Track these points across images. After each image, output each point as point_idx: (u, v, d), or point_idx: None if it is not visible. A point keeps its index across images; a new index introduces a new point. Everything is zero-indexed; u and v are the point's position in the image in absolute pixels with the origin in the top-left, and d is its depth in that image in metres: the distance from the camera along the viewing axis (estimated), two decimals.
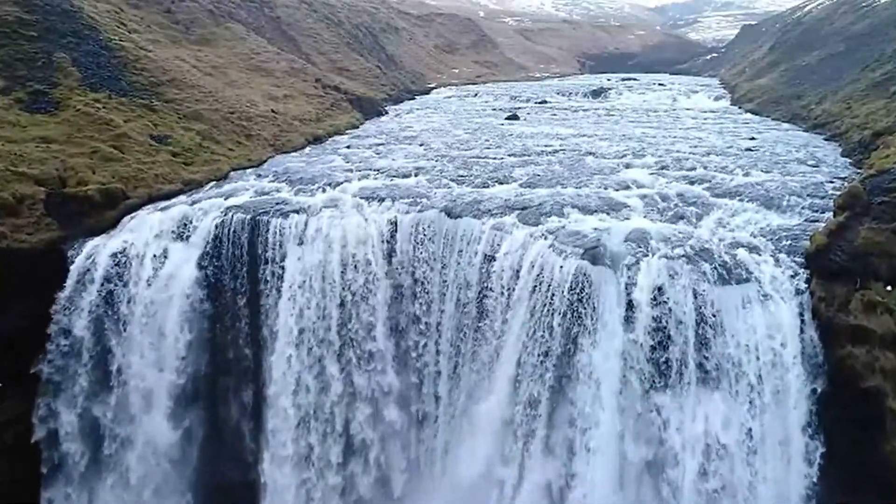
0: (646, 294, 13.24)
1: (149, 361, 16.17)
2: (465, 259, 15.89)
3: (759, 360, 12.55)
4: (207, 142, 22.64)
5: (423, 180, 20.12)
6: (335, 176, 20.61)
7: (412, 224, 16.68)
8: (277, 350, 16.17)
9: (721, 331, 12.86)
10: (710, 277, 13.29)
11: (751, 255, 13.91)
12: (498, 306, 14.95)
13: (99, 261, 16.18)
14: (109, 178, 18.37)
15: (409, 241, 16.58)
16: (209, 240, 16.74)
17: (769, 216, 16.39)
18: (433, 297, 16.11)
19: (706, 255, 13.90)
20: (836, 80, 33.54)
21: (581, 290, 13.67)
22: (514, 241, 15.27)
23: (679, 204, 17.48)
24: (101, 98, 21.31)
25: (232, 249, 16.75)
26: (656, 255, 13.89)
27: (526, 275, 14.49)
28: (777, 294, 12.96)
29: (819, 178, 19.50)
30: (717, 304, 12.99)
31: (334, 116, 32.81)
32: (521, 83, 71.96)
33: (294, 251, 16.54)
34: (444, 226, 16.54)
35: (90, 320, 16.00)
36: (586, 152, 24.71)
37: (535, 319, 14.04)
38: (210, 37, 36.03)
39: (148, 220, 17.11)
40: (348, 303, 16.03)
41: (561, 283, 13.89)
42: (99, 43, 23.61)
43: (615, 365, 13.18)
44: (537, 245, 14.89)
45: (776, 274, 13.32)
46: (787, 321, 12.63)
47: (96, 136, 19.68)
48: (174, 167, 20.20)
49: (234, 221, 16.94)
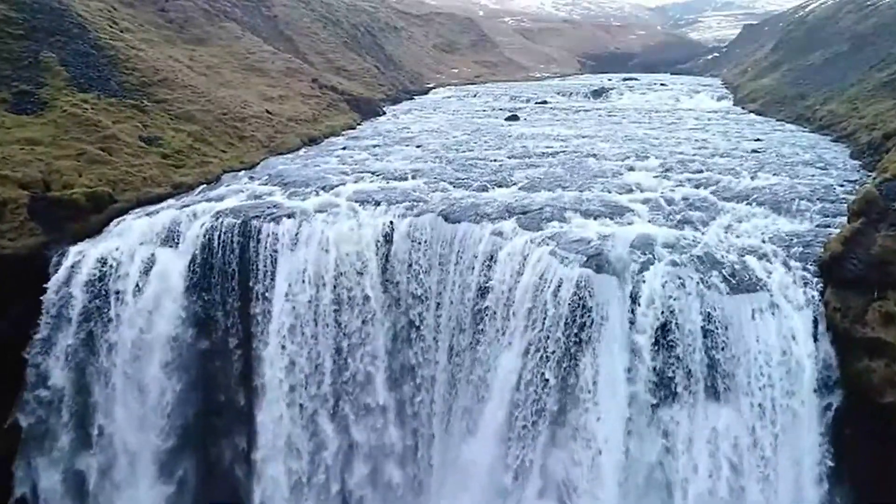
0: (652, 304, 12.67)
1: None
2: (462, 265, 15.33)
3: (770, 374, 11.95)
4: (199, 143, 22.04)
5: (420, 183, 19.53)
6: (330, 179, 20.03)
7: (408, 229, 16.14)
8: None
9: (730, 342, 12.27)
10: (719, 286, 12.70)
11: (761, 263, 13.32)
12: (498, 314, 14.36)
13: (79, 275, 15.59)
14: (96, 181, 17.76)
15: (405, 247, 16.04)
16: (198, 246, 16.16)
17: (778, 221, 15.81)
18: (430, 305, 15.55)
19: (714, 263, 13.32)
20: (842, 81, 32.94)
21: (584, 299, 13.08)
22: (514, 247, 14.69)
23: (684, 208, 16.90)
24: (90, 99, 20.70)
25: (222, 256, 16.16)
26: (662, 263, 13.30)
27: (526, 282, 13.90)
28: (789, 304, 12.35)
29: (829, 182, 18.91)
30: (726, 314, 12.40)
31: (331, 117, 32.23)
32: (521, 83, 71.47)
33: (286, 256, 15.98)
34: (441, 231, 15.98)
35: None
36: (588, 154, 24.14)
37: (535, 329, 13.45)
38: (204, 36, 35.45)
39: (134, 226, 16.52)
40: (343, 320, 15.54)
41: (563, 292, 13.30)
42: (88, 42, 22.99)
43: (620, 377, 12.60)
44: (538, 252, 14.30)
45: (788, 283, 12.72)
46: (799, 333, 12.03)
47: (83, 137, 19.07)
48: (164, 170, 19.61)
49: (224, 226, 16.37)
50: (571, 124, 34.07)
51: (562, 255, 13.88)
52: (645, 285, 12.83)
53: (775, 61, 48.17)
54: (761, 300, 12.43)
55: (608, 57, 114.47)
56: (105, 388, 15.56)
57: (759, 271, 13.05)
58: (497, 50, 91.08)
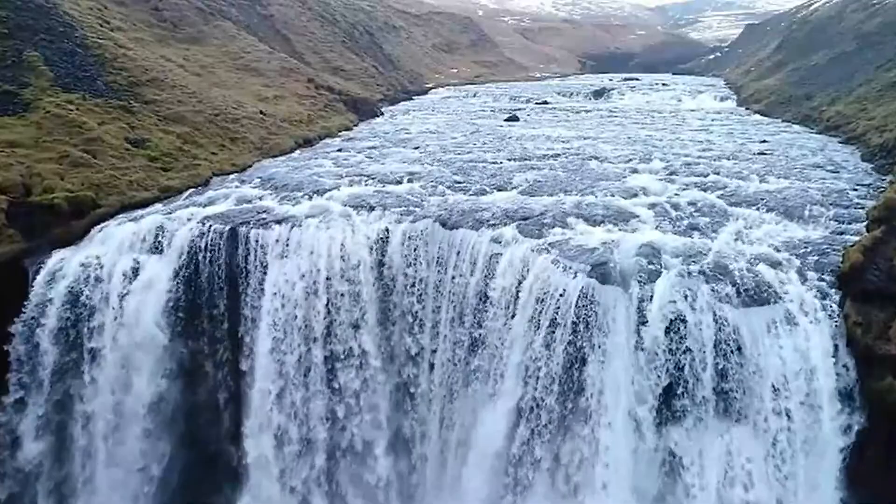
0: (660, 316, 11.95)
1: None
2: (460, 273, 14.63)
3: (787, 392, 11.25)
4: (189, 145, 21.33)
5: (416, 187, 18.85)
6: (323, 182, 19.33)
7: (404, 235, 15.45)
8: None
9: (743, 359, 11.56)
10: (731, 298, 11.99)
11: (774, 273, 12.61)
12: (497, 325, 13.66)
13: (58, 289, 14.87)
14: (79, 186, 17.04)
15: (400, 254, 15.34)
16: (184, 254, 15.45)
17: (791, 228, 15.11)
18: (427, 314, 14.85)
19: (725, 273, 12.60)
20: (848, 81, 32.27)
21: (588, 311, 12.38)
22: (514, 255, 13.99)
23: (692, 213, 16.20)
24: (75, 99, 19.97)
25: (209, 265, 15.45)
26: (670, 273, 12.60)
27: (527, 294, 13.20)
28: (806, 318, 11.65)
29: (841, 185, 18.21)
30: (739, 328, 11.69)
31: (327, 118, 31.52)
32: (521, 83, 70.82)
33: (276, 265, 15.27)
34: (438, 237, 15.28)
35: None
36: (590, 156, 23.45)
37: (537, 343, 12.75)
38: (199, 35, 34.78)
39: (117, 233, 15.80)
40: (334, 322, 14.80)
41: (566, 304, 12.59)
42: (75, 41, 22.28)
43: (626, 395, 11.90)
44: (540, 260, 13.60)
45: (804, 294, 12.01)
46: (818, 349, 11.33)
47: (67, 139, 18.36)
48: (151, 173, 18.89)
49: (211, 233, 15.66)
50: (572, 125, 33.38)
51: (564, 265, 13.17)
52: (653, 297, 12.12)
53: (779, 61, 47.50)
54: (776, 313, 11.74)
55: (608, 57, 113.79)
56: None
57: (773, 282, 12.34)
58: (497, 50, 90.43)
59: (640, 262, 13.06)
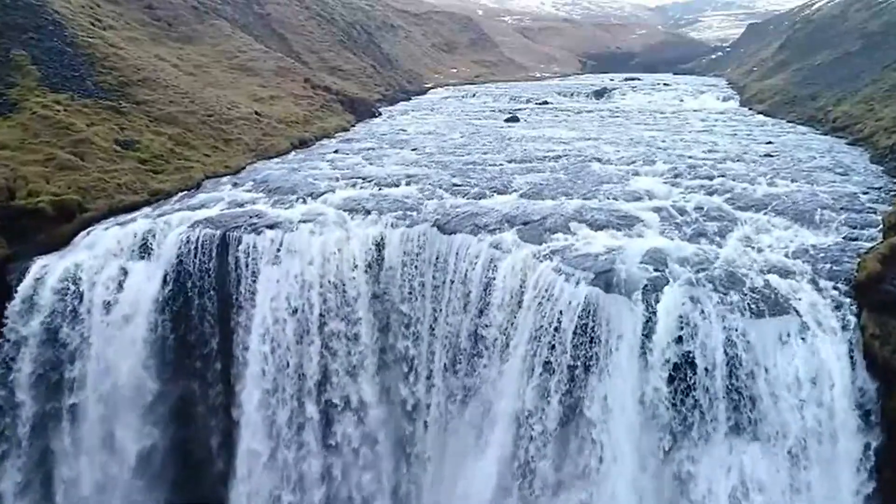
0: (667, 328, 11.41)
1: None
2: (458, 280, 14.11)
3: (800, 408, 10.70)
4: (181, 147, 20.80)
5: (414, 190, 18.33)
6: (318, 185, 18.80)
7: (400, 241, 14.95)
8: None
9: (755, 372, 11.00)
10: (741, 308, 11.44)
11: (786, 282, 12.06)
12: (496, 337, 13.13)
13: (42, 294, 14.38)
14: (65, 189, 16.56)
15: (396, 261, 14.84)
16: (172, 260, 14.92)
17: (802, 233, 14.55)
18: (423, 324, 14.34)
19: (735, 282, 12.05)
20: (854, 81, 31.73)
21: (592, 322, 11.85)
22: (515, 262, 13.46)
23: (698, 218, 15.66)
24: (63, 99, 19.45)
25: (199, 272, 14.92)
26: (678, 282, 12.04)
27: (528, 302, 12.67)
28: (820, 329, 11.09)
29: (851, 189, 17.67)
30: (750, 340, 11.13)
31: (324, 118, 30.98)
32: (521, 83, 70.29)
33: (267, 272, 14.74)
34: (435, 243, 14.77)
35: None
36: (592, 158, 22.91)
37: (538, 355, 12.22)
38: (193, 34, 34.23)
39: (103, 238, 15.27)
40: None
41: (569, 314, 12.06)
42: (64, 39, 21.77)
43: (631, 410, 11.36)
44: (541, 268, 13.06)
45: (818, 304, 11.45)
46: (833, 362, 10.77)
47: (54, 141, 17.87)
48: (140, 176, 18.36)
49: (201, 238, 15.13)
50: (573, 126, 32.84)
51: (567, 272, 12.64)
52: (659, 307, 11.57)
53: (782, 61, 46.96)
54: (789, 325, 11.17)
55: (609, 56, 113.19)
56: None
57: (785, 291, 11.78)
58: (497, 49, 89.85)
59: (646, 270, 12.53)
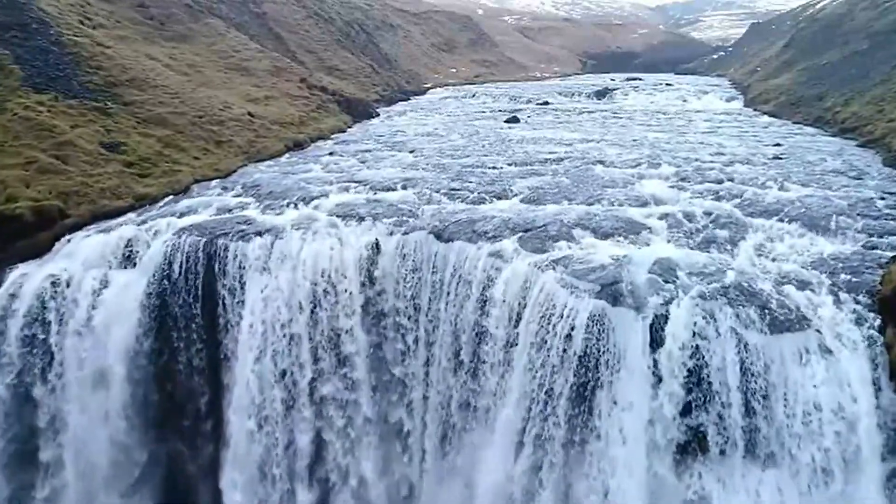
0: (678, 343, 10.71)
1: None
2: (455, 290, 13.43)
3: (821, 430, 10.01)
4: (169, 150, 20.08)
5: (411, 194, 17.62)
6: (311, 189, 18.10)
7: (396, 248, 14.26)
8: None
9: (772, 391, 10.32)
10: (757, 323, 10.74)
11: (804, 294, 11.35)
12: (496, 353, 12.44)
13: None
14: (46, 194, 15.86)
15: (392, 269, 14.16)
16: (157, 269, 14.22)
17: (817, 241, 13.84)
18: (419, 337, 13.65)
19: (749, 294, 11.33)
20: (863, 80, 31.02)
21: (598, 337, 11.14)
22: (516, 272, 12.76)
23: (708, 225, 14.94)
24: (46, 100, 18.75)
25: (184, 281, 14.23)
26: (689, 294, 11.33)
27: (529, 316, 11.97)
28: (842, 345, 10.40)
29: (867, 194, 16.95)
30: (767, 357, 10.44)
31: (320, 119, 30.27)
32: (521, 83, 69.59)
33: (256, 281, 14.05)
34: (432, 251, 14.08)
35: None
36: (595, 160, 22.19)
37: (540, 373, 11.53)
38: (187, 33, 33.49)
39: (83, 246, 14.57)
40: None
41: (573, 329, 11.36)
42: (49, 38, 21.06)
43: (640, 432, 10.66)
44: (543, 279, 12.36)
45: (839, 319, 10.76)
46: (856, 380, 10.07)
47: (35, 144, 17.15)
48: (126, 180, 17.66)
49: (186, 246, 14.43)
50: (575, 127, 32.12)
51: (571, 284, 11.93)
52: (669, 322, 10.87)
53: (787, 60, 46.24)
54: (808, 341, 10.48)
55: (610, 56, 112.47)
56: None
57: (803, 305, 11.09)
58: (496, 49, 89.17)
59: (655, 282, 11.83)
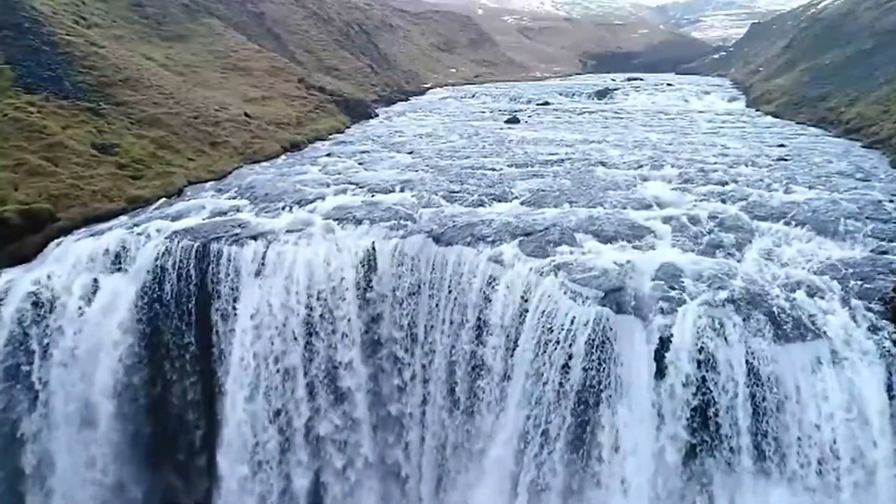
0: (685, 353, 10.35)
1: None
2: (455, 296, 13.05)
3: (834, 444, 9.65)
4: (163, 151, 19.69)
5: (409, 196, 17.26)
6: (307, 192, 17.73)
7: (392, 253, 13.88)
8: None
9: (783, 403, 9.96)
10: (766, 332, 10.38)
11: (814, 301, 11.01)
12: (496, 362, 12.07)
13: None
14: (35, 196, 15.47)
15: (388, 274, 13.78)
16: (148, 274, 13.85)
17: (826, 246, 13.49)
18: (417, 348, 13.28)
19: (757, 301, 10.99)
20: (867, 81, 30.64)
21: (602, 346, 10.78)
22: (516, 278, 12.40)
23: (713, 228, 14.58)
24: (37, 101, 18.34)
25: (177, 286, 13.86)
26: (695, 301, 10.99)
27: (530, 323, 11.60)
28: (855, 355, 10.03)
29: (875, 196, 16.59)
30: (777, 367, 10.09)
31: (317, 120, 29.88)
32: (521, 83, 69.21)
33: (249, 286, 13.67)
34: (430, 255, 13.70)
35: None
36: (596, 162, 21.82)
37: (541, 382, 11.16)
38: (184, 32, 33.13)
39: (72, 250, 14.19)
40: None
41: (576, 337, 11.00)
42: (41, 38, 20.64)
43: (646, 443, 10.30)
44: (544, 284, 11.99)
45: (851, 327, 10.40)
46: (870, 392, 9.71)
47: (25, 145, 16.75)
48: (118, 182, 17.27)
49: (178, 250, 14.06)
50: (576, 128, 31.76)
51: (573, 290, 11.57)
52: (675, 331, 10.51)
53: (790, 60, 45.85)
54: (819, 350, 10.13)
55: (610, 56, 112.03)
56: None
57: (813, 312, 10.74)
58: (496, 49, 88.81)
59: (660, 287, 11.48)
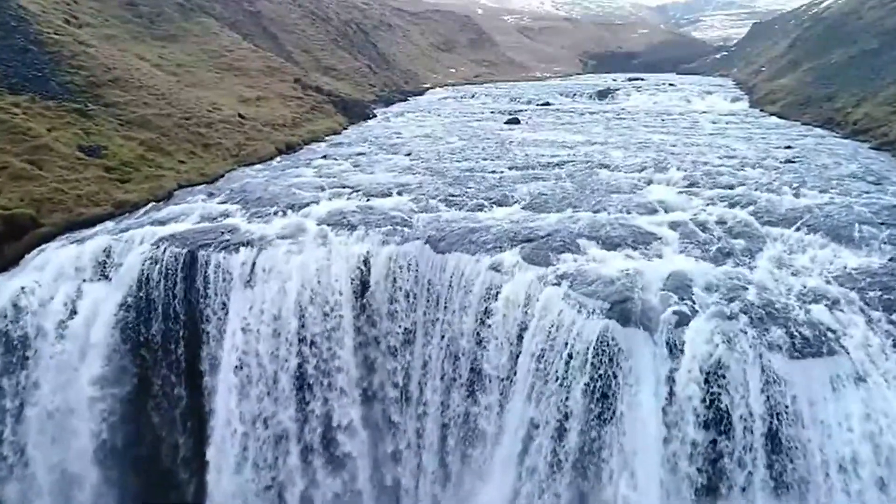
0: (695, 369, 9.77)
1: None
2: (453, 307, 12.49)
3: (856, 467, 9.07)
4: (153, 153, 19.14)
5: (406, 201, 16.70)
6: (301, 195, 17.16)
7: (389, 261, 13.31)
8: None
9: (800, 423, 9.37)
10: (782, 347, 9.80)
11: (832, 314, 10.42)
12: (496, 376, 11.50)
13: None
14: (16, 201, 14.92)
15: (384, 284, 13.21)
16: (133, 285, 13.30)
17: (841, 253, 12.88)
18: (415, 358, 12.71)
19: (772, 314, 10.41)
20: (874, 81, 30.09)
21: (608, 360, 10.21)
22: (517, 287, 11.82)
23: (722, 234, 13.99)
24: (22, 102, 17.81)
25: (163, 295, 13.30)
26: (705, 315, 10.40)
27: (532, 337, 11.03)
28: (877, 372, 9.45)
29: (889, 200, 16.00)
30: (794, 384, 9.50)
31: (314, 121, 29.33)
32: (521, 83, 68.72)
33: (239, 296, 13.11)
34: (428, 263, 13.13)
35: None
36: (599, 164, 21.26)
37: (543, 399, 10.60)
38: (178, 32, 32.58)
39: (55, 258, 13.61)
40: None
41: (580, 351, 10.43)
42: (28, 37, 20.10)
43: (654, 465, 9.72)
44: (546, 294, 11.42)
45: (872, 342, 9.81)
46: (894, 411, 9.15)
47: (8, 147, 16.22)
48: (105, 186, 16.71)
49: (166, 258, 13.49)
50: (578, 129, 31.19)
51: (578, 301, 10.99)
52: (685, 346, 9.93)
53: (793, 60, 45.30)
54: (840, 366, 9.53)
55: (610, 56, 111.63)
56: None
57: (831, 325, 10.15)
58: (496, 49, 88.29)
59: (669, 298, 10.90)
